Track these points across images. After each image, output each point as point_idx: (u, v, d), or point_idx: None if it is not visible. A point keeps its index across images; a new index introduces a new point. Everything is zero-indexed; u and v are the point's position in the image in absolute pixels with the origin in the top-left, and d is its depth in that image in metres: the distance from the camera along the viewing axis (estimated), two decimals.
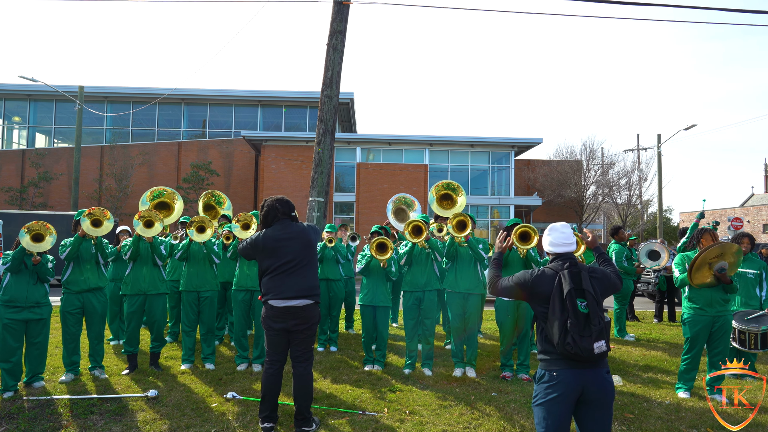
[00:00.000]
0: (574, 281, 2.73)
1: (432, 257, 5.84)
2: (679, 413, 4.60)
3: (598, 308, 2.68)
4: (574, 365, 2.67)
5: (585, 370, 2.67)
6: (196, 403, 4.65)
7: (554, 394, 2.69)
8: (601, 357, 2.66)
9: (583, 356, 2.61)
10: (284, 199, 4.24)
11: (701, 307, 5.00)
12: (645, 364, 6.37)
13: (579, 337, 2.60)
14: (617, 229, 8.74)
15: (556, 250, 2.93)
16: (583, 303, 2.68)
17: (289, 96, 29.02)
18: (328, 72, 9.22)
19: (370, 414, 4.43)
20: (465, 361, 5.83)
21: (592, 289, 2.71)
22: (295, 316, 4.00)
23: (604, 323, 2.66)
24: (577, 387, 2.66)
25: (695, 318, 5.02)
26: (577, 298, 2.68)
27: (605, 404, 2.70)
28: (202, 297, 5.90)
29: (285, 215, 4.16)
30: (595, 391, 2.67)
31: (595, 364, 2.68)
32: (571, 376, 2.67)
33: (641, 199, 31.36)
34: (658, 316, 9.99)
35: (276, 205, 4.16)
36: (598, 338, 2.61)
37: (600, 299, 2.73)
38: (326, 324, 6.98)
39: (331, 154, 9.26)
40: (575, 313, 2.65)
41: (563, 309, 2.68)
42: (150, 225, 5.50)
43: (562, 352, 2.67)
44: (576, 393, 2.67)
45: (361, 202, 25.45)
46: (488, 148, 26.69)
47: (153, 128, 29.79)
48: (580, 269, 2.79)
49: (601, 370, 2.69)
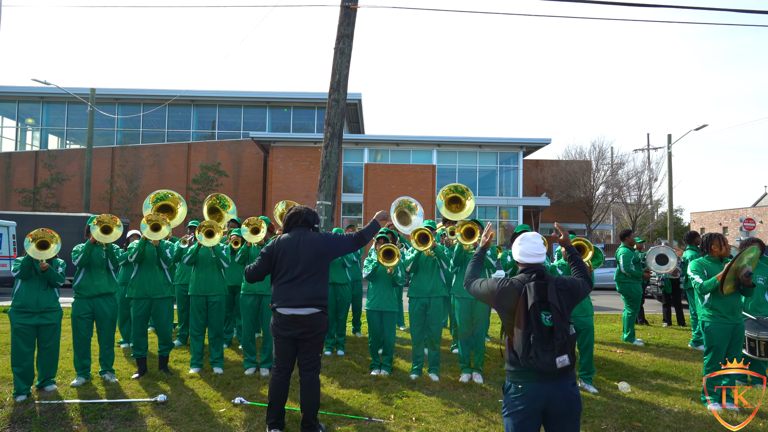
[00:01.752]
0: (539, 294, 2.69)
1: (438, 264, 5.84)
2: (687, 422, 4.56)
3: (562, 322, 2.64)
4: (538, 378, 2.66)
5: (549, 383, 2.65)
6: (204, 408, 4.70)
7: (519, 407, 2.68)
8: (566, 370, 2.63)
9: (546, 370, 2.60)
10: (313, 211, 4.32)
11: (725, 315, 4.92)
12: (654, 370, 6.33)
13: (542, 351, 2.59)
14: (627, 232, 8.69)
15: (525, 260, 2.90)
16: (548, 316, 2.65)
17: (297, 97, 29.14)
18: (336, 76, 9.24)
19: (376, 420, 4.44)
20: (472, 366, 5.83)
21: (558, 302, 2.67)
22: (301, 325, 4.02)
23: (568, 337, 2.63)
24: (541, 400, 2.66)
25: (718, 326, 4.93)
26: (541, 311, 2.66)
27: (571, 417, 2.68)
28: (210, 301, 5.96)
29: (306, 224, 4.21)
30: (560, 405, 2.66)
31: (561, 376, 2.66)
32: (536, 389, 2.66)
33: (651, 199, 31.12)
34: (666, 320, 9.91)
35: (303, 212, 4.24)
36: (561, 352, 2.59)
37: (566, 312, 2.70)
38: (333, 327, 7.01)
39: (339, 157, 9.28)
40: (539, 326, 2.62)
41: (527, 322, 2.66)
42: (157, 228, 5.56)
43: (525, 365, 2.66)
44: (540, 405, 2.67)
45: (368, 203, 25.48)
46: (496, 148, 26.61)
47: (163, 129, 30.05)
48: (547, 281, 2.75)
49: (566, 383, 2.67)
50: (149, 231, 5.53)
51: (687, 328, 9.37)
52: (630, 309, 8.22)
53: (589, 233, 28.42)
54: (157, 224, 5.58)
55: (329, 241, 4.21)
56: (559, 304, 2.67)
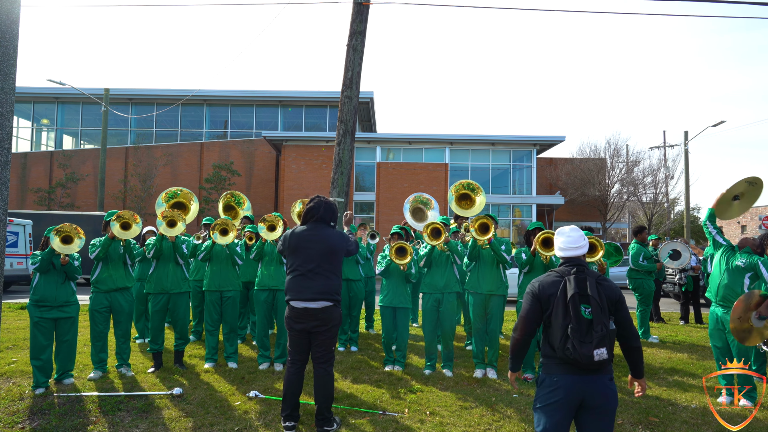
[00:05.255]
0: (579, 286, 2.68)
1: (452, 260, 5.82)
2: (705, 417, 4.50)
3: (602, 315, 2.62)
4: (574, 371, 2.64)
5: (586, 376, 2.63)
6: (220, 401, 4.73)
7: (554, 399, 2.66)
8: (603, 364, 2.61)
9: (583, 363, 2.58)
10: (332, 206, 4.29)
11: None
12: (671, 367, 6.25)
13: (579, 343, 2.57)
14: (641, 228, 8.64)
15: (564, 254, 2.91)
16: (588, 309, 2.64)
17: (308, 96, 29.23)
18: (348, 73, 9.24)
19: (390, 414, 4.44)
20: (486, 362, 5.81)
21: (597, 295, 2.66)
22: (314, 318, 4.04)
23: (607, 331, 2.61)
24: (577, 393, 2.64)
25: None
26: (581, 303, 2.65)
27: (607, 412, 2.66)
28: (224, 297, 6.00)
29: (322, 220, 4.21)
30: (596, 399, 2.64)
31: (598, 370, 2.63)
32: (572, 381, 2.64)
33: (668, 197, 30.76)
34: (684, 318, 9.79)
35: (321, 207, 4.23)
36: (599, 345, 2.57)
37: (605, 306, 2.67)
38: (347, 324, 7.02)
39: (351, 154, 9.29)
40: (577, 318, 2.62)
41: (566, 314, 2.65)
42: (173, 225, 5.63)
43: (561, 357, 2.64)
44: (576, 399, 2.64)
45: (381, 202, 25.49)
46: (509, 146, 26.44)
47: (176, 129, 30.33)
48: (587, 275, 2.74)
49: (603, 377, 2.65)
50: (165, 227, 5.60)
51: (704, 326, 9.25)
52: (642, 306, 8.15)
53: (604, 232, 28.15)
54: (173, 220, 5.65)
55: (343, 239, 4.25)
56: (599, 297, 2.65)
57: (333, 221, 4.29)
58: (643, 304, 8.15)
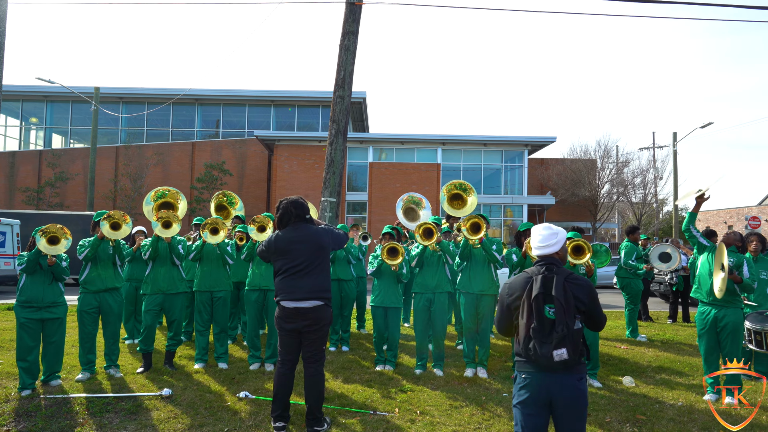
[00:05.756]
0: (544, 286, 2.68)
1: (443, 260, 5.84)
2: (691, 415, 4.55)
3: (566, 315, 2.60)
4: (541, 369, 2.65)
5: (553, 375, 2.63)
6: (210, 402, 4.71)
7: (523, 397, 2.69)
8: (566, 364, 2.58)
9: (543, 363, 2.59)
10: (298, 202, 4.24)
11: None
12: (658, 366, 6.31)
13: (540, 344, 2.58)
14: (634, 228, 8.71)
15: (535, 252, 2.90)
16: (551, 309, 2.63)
17: (301, 96, 29.17)
18: (341, 73, 9.24)
19: (381, 414, 4.45)
20: (476, 361, 5.83)
21: (563, 295, 2.63)
22: (305, 317, 4.04)
23: (569, 331, 2.58)
24: (544, 392, 2.64)
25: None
26: (545, 303, 2.64)
27: (575, 411, 2.65)
28: (215, 297, 5.98)
29: (299, 218, 4.19)
30: (563, 398, 2.63)
31: (564, 370, 2.62)
32: (539, 380, 2.65)
33: (656, 197, 31.03)
34: (672, 317, 9.89)
35: (290, 208, 4.20)
36: (558, 345, 2.56)
37: (571, 306, 2.63)
38: (338, 324, 7.02)
39: (344, 154, 9.28)
40: (540, 318, 2.62)
41: (530, 314, 2.65)
42: (168, 225, 5.60)
43: (525, 356, 2.66)
44: (544, 397, 2.65)
45: (373, 202, 25.49)
46: (501, 147, 26.55)
47: (167, 128, 30.14)
48: (556, 274, 2.71)
49: (571, 377, 2.63)
50: (161, 228, 5.57)
51: (691, 325, 9.34)
52: (631, 305, 8.23)
53: (594, 232, 28.36)
54: (168, 221, 5.62)
55: (328, 233, 4.23)
56: (564, 296, 2.62)
57: (307, 214, 4.24)
58: (632, 303, 8.22)
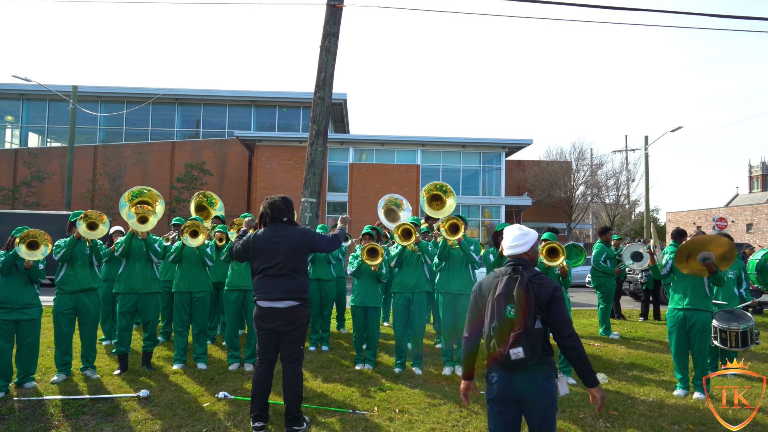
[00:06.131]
0: (507, 286, 2.71)
1: (422, 260, 5.92)
2: (662, 410, 4.70)
3: (526, 315, 2.61)
4: (506, 369, 2.67)
5: (517, 375, 2.65)
6: (188, 402, 4.70)
7: (494, 394, 2.73)
8: (524, 363, 2.59)
9: (501, 361, 2.63)
10: (276, 204, 4.24)
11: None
12: (630, 362, 6.49)
13: (498, 342, 2.63)
14: (606, 229, 8.93)
15: (505, 252, 2.92)
16: (512, 309, 2.66)
17: (282, 96, 29.06)
18: (321, 74, 9.26)
19: (360, 413, 4.50)
20: (454, 360, 5.92)
21: (524, 295, 2.65)
22: (280, 317, 4.06)
23: (527, 330, 2.59)
24: (510, 390, 2.67)
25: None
26: (507, 303, 2.67)
27: (540, 411, 2.66)
28: (194, 298, 5.95)
29: (276, 219, 4.21)
30: (529, 397, 2.65)
31: (528, 369, 2.63)
32: (504, 379, 2.68)
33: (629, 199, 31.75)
34: (644, 315, 10.15)
35: (267, 210, 4.23)
36: (515, 344, 2.58)
37: (532, 306, 2.64)
38: (318, 323, 7.04)
39: (324, 155, 9.31)
40: (500, 317, 2.65)
41: (492, 313, 2.70)
42: (144, 221, 5.54)
43: (487, 354, 2.71)
44: (511, 396, 2.68)
45: (353, 202, 25.52)
46: (479, 148, 26.86)
47: (147, 128, 29.75)
48: (521, 274, 2.73)
49: (536, 376, 2.65)
50: (136, 223, 5.50)
51: (662, 322, 9.59)
52: (604, 303, 8.42)
53: (569, 232, 28.85)
54: (144, 216, 5.55)
55: (307, 236, 4.22)
56: (525, 296, 2.64)
57: (287, 216, 4.25)
58: (605, 302, 8.42)
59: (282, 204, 4.25)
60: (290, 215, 4.28)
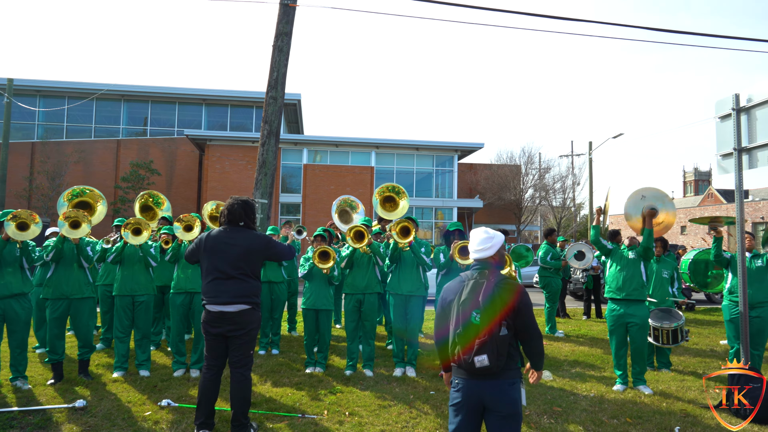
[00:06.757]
0: (472, 292, 2.67)
1: (374, 261, 5.92)
2: (602, 405, 4.89)
3: (491, 322, 2.57)
4: (470, 375, 2.64)
5: (482, 381, 2.62)
6: (128, 412, 4.50)
7: (456, 401, 2.71)
8: (489, 370, 2.56)
9: (465, 368, 2.60)
10: (234, 208, 4.13)
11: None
12: (574, 359, 6.72)
13: (462, 349, 2.59)
14: (551, 231, 9.27)
15: (472, 256, 2.87)
16: (477, 315, 2.61)
17: (234, 96, 28.43)
18: (274, 73, 9.13)
19: (309, 417, 4.45)
20: (405, 360, 5.95)
21: (490, 301, 2.61)
22: (230, 322, 3.96)
23: (492, 337, 2.55)
24: (475, 397, 2.64)
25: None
26: (472, 309, 2.62)
27: (506, 417, 2.61)
28: (136, 301, 5.71)
29: (237, 221, 4.12)
30: (493, 403, 2.61)
31: (493, 376, 2.60)
32: (469, 386, 2.65)
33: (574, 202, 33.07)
34: (586, 313, 10.59)
35: (225, 211, 4.14)
36: (480, 352, 2.54)
37: (497, 312, 2.60)
38: (268, 327, 6.92)
39: (276, 155, 9.18)
40: (465, 323, 2.61)
41: (457, 319, 2.66)
42: (77, 225, 5.27)
43: (453, 361, 2.68)
44: (476, 402, 2.65)
45: (307, 204, 25.29)
46: (433, 151, 27.25)
47: (90, 125, 28.41)
48: (487, 279, 2.70)
49: (501, 382, 2.61)
50: (68, 228, 5.23)
51: (604, 320, 10.00)
52: (549, 303, 8.72)
53: (518, 234, 29.72)
54: (77, 221, 5.28)
55: (264, 242, 4.16)
56: (491, 303, 2.61)
57: (249, 220, 4.18)
58: (550, 301, 8.73)
59: (240, 209, 4.15)
60: (248, 220, 4.18)
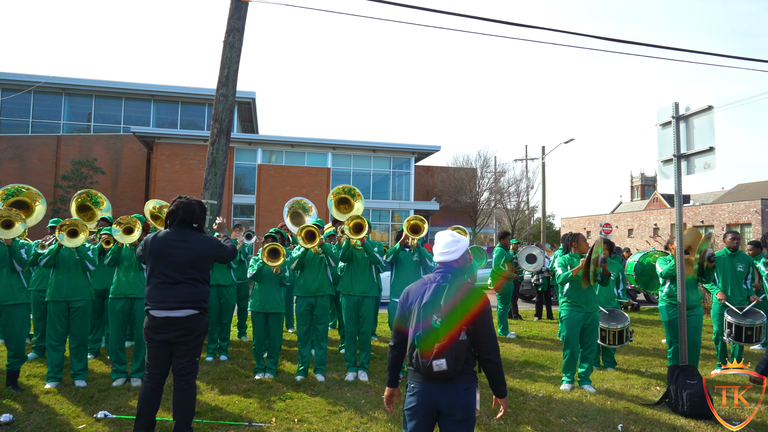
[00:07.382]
0: (433, 295, 2.64)
1: (325, 262, 5.82)
2: (550, 405, 4.99)
3: (452, 326, 2.55)
4: (426, 379, 2.61)
5: (437, 385, 2.59)
6: (60, 425, 4.22)
7: (411, 405, 2.67)
8: (447, 374, 2.54)
9: (423, 372, 2.58)
10: (191, 207, 3.97)
11: (579, 304, 5.44)
12: (524, 360, 6.84)
13: (421, 352, 2.56)
14: (505, 234, 9.45)
15: (436, 258, 2.82)
16: (438, 318, 2.58)
17: (185, 92, 27.56)
18: (225, 70, 8.89)
19: (256, 425, 4.30)
20: (357, 364, 5.87)
21: (452, 305, 2.58)
22: (178, 327, 3.78)
23: (452, 342, 2.53)
24: (430, 401, 2.61)
25: (573, 314, 5.47)
26: (433, 312, 2.59)
27: (461, 421, 2.60)
28: (72, 307, 5.37)
29: (184, 222, 3.94)
30: (449, 407, 2.59)
31: (449, 380, 2.57)
32: (425, 389, 2.62)
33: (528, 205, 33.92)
34: (537, 315, 10.84)
35: (178, 211, 3.94)
36: (438, 356, 2.51)
37: (459, 317, 2.58)
38: (216, 332, 6.69)
39: (227, 155, 8.93)
40: (425, 327, 2.57)
41: (417, 322, 2.62)
42: (9, 226, 4.93)
43: (412, 365, 2.65)
44: (431, 407, 2.62)
45: (261, 205, 24.81)
46: (390, 153, 27.33)
47: (27, 119, 26.86)
48: (450, 283, 2.68)
49: (456, 386, 2.59)
50: (0, 229, 4.88)
51: (554, 321, 10.28)
52: (502, 305, 8.88)
53: (474, 236, 30.20)
54: (9, 221, 4.94)
55: (213, 245, 4.01)
56: (452, 306, 2.59)
57: (198, 222, 4.03)
58: (503, 303, 8.88)
59: (198, 209, 4.00)
60: (201, 222, 4.04)
